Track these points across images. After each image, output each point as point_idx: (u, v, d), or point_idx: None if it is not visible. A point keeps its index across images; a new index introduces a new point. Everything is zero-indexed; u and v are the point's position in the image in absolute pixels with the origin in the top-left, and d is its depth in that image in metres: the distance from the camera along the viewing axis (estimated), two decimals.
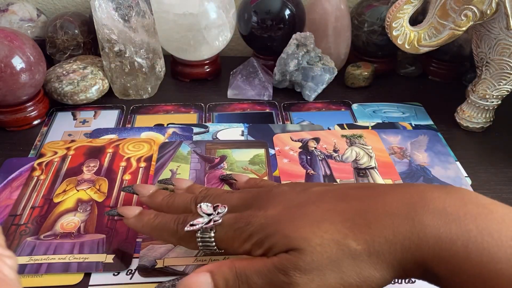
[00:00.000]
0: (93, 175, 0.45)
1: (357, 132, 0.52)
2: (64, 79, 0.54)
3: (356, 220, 0.27)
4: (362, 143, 0.50)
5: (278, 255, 0.27)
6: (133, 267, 0.36)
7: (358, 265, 0.26)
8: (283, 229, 0.28)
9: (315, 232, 0.27)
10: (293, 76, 0.58)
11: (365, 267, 0.26)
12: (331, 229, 0.27)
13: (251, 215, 0.30)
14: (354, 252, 0.26)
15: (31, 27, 0.61)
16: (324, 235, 0.26)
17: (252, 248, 0.29)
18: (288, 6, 0.58)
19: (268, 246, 0.28)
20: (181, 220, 0.32)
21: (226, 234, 0.30)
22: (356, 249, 0.26)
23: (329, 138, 0.51)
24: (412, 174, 0.46)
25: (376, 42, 0.60)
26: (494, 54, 0.48)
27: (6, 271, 0.22)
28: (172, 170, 0.46)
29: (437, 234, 0.24)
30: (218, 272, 0.28)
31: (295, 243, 0.26)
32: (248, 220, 0.29)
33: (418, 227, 0.25)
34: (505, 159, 0.49)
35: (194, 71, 0.62)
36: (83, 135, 0.52)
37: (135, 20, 0.53)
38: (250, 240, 0.29)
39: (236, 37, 0.65)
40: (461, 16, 0.46)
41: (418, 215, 0.25)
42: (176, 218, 0.33)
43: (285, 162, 0.47)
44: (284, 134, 0.51)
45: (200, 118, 0.55)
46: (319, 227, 0.27)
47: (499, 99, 0.50)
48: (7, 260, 0.23)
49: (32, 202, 0.42)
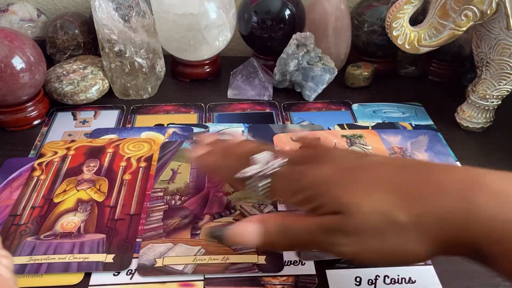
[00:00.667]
0: (93, 175, 0.45)
1: (357, 132, 0.52)
2: (64, 79, 0.54)
3: (409, 193, 0.26)
4: (363, 143, 0.50)
5: (326, 216, 0.28)
6: (133, 267, 0.36)
7: (402, 237, 0.26)
8: (334, 190, 0.28)
9: (365, 199, 0.27)
10: (293, 76, 0.58)
11: (409, 240, 0.26)
12: (381, 198, 0.27)
13: (304, 170, 0.30)
14: (400, 224, 0.26)
15: (31, 27, 0.61)
16: (374, 203, 0.26)
17: (302, 202, 0.30)
18: (288, 6, 0.58)
19: (318, 204, 0.28)
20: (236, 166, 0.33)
21: (278, 185, 0.32)
22: (404, 221, 0.25)
23: (329, 138, 0.51)
24: None
25: (376, 42, 0.60)
26: (494, 54, 0.48)
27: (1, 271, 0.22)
28: (173, 169, 0.46)
29: (491, 215, 0.24)
30: (267, 223, 0.30)
31: (344, 207, 0.27)
32: (301, 174, 0.30)
33: (472, 207, 0.25)
34: (505, 159, 0.49)
35: (194, 71, 0.62)
36: (83, 135, 0.52)
37: (135, 20, 0.53)
38: (300, 194, 0.30)
39: (236, 37, 0.65)
40: (461, 16, 0.46)
41: (474, 195, 0.25)
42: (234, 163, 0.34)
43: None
44: (284, 134, 0.51)
45: (200, 118, 0.55)
46: (370, 194, 0.27)
47: (499, 99, 0.50)
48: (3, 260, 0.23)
49: (32, 202, 0.42)
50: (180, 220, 0.40)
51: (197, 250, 0.37)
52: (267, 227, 0.30)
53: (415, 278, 0.36)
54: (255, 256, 0.37)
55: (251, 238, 0.30)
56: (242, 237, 0.30)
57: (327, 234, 0.27)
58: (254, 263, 0.36)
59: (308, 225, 0.28)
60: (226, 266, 0.36)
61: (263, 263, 0.36)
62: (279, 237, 0.29)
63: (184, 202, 0.42)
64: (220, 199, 0.43)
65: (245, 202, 0.42)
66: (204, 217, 0.41)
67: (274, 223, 0.30)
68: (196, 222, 0.40)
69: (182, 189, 0.44)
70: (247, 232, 0.30)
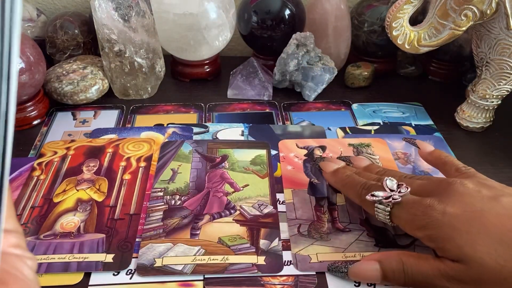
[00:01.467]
0: (93, 175, 0.45)
1: (365, 141, 0.50)
2: (64, 79, 0.54)
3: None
4: (370, 153, 0.49)
5: (446, 261, 0.29)
6: (132, 267, 0.36)
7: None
8: (459, 239, 0.28)
9: (490, 254, 0.27)
10: (293, 76, 0.58)
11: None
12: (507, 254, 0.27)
13: (429, 206, 0.30)
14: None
15: (31, 27, 0.61)
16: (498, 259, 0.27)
17: (423, 238, 0.31)
18: (288, 6, 0.58)
19: (439, 247, 0.30)
20: (366, 186, 0.35)
21: (401, 214, 0.32)
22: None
23: (335, 146, 0.50)
24: None
25: (376, 42, 0.60)
26: (494, 54, 0.48)
27: (26, 272, 0.23)
28: (173, 169, 0.46)
29: None
30: (386, 262, 0.32)
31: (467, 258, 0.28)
32: (426, 210, 0.30)
33: None
34: (505, 159, 0.49)
35: (194, 71, 0.62)
36: (83, 135, 0.52)
37: (135, 20, 0.53)
38: (423, 231, 0.30)
39: (236, 37, 0.65)
40: (461, 16, 0.46)
41: None
42: (363, 183, 0.36)
43: (289, 169, 0.47)
44: (290, 140, 0.50)
45: (200, 118, 0.55)
46: (496, 249, 0.27)
47: (499, 99, 0.50)
48: (28, 262, 0.23)
49: (32, 202, 0.42)
50: (180, 220, 0.40)
51: (197, 250, 0.37)
52: (386, 267, 0.32)
53: None
54: (254, 257, 0.37)
55: (372, 276, 0.32)
56: (363, 276, 0.33)
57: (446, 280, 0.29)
58: (254, 263, 0.36)
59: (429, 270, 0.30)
60: (226, 266, 0.36)
61: (262, 264, 0.36)
62: (397, 276, 0.31)
63: (184, 202, 0.42)
64: (220, 199, 0.43)
65: (245, 203, 0.42)
66: (204, 217, 0.41)
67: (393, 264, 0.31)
68: (196, 222, 0.40)
69: (182, 189, 0.44)
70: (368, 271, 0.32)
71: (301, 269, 0.36)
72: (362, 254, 0.37)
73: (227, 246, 0.38)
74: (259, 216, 0.41)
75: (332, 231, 0.40)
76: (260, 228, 0.40)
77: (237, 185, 0.44)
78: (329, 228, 0.40)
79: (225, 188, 0.44)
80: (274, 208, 0.42)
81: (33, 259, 0.25)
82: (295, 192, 0.44)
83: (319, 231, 0.39)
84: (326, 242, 0.38)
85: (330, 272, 0.35)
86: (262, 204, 0.42)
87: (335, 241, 0.39)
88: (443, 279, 0.29)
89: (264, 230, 0.39)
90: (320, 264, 0.36)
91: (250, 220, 0.41)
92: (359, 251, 0.37)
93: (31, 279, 0.23)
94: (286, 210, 0.42)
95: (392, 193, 0.33)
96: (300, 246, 0.38)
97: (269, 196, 0.43)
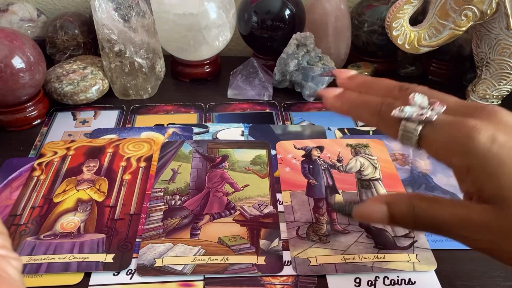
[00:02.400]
0: (93, 175, 0.45)
1: (363, 142, 0.50)
2: (64, 79, 0.54)
3: None
4: (368, 153, 0.48)
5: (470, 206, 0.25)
6: (132, 267, 0.36)
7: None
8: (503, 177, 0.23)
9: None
10: (293, 76, 0.58)
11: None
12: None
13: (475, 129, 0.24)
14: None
15: (31, 27, 0.61)
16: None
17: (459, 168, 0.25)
18: (288, 6, 0.58)
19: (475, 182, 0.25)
20: (387, 102, 0.29)
21: (436, 136, 0.26)
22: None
23: (333, 147, 0.50)
24: (414, 181, 0.46)
25: (376, 42, 0.60)
26: (494, 54, 0.48)
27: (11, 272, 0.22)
28: (173, 169, 0.46)
29: None
30: (395, 205, 0.28)
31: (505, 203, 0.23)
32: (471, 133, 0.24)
33: None
34: None
35: (194, 71, 0.62)
36: (83, 135, 0.52)
37: (135, 20, 0.53)
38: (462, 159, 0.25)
39: (236, 37, 0.65)
40: (461, 16, 0.46)
41: None
42: (381, 100, 0.29)
43: (286, 171, 0.47)
44: (287, 142, 0.50)
45: (200, 118, 0.55)
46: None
47: (499, 99, 0.50)
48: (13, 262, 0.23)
49: (32, 202, 0.42)
50: (180, 220, 0.40)
51: (197, 250, 0.37)
52: (395, 210, 0.28)
53: (414, 279, 0.36)
54: (254, 257, 0.37)
55: (378, 218, 0.28)
56: (369, 217, 0.29)
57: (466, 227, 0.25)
58: (254, 264, 0.36)
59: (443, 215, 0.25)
60: (226, 266, 0.36)
61: (262, 264, 0.36)
62: (406, 220, 0.27)
63: (184, 202, 0.42)
64: (220, 199, 0.43)
65: (245, 203, 0.42)
66: (204, 217, 0.41)
67: (402, 207, 0.27)
68: (196, 222, 0.40)
69: (182, 189, 0.44)
70: (374, 212, 0.28)
71: (301, 272, 0.36)
72: (362, 256, 0.37)
73: (227, 246, 0.38)
74: (259, 216, 0.41)
75: (331, 233, 0.40)
76: (260, 228, 0.40)
77: (237, 185, 0.44)
78: (328, 230, 0.40)
79: (225, 188, 0.44)
80: (274, 208, 0.42)
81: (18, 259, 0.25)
82: (293, 194, 0.44)
83: (318, 233, 0.39)
84: (325, 244, 0.38)
85: (335, 211, 0.32)
86: (262, 204, 0.42)
87: (334, 243, 0.38)
88: (462, 226, 0.25)
89: (264, 230, 0.39)
90: (319, 267, 0.36)
91: (250, 220, 0.41)
92: (358, 253, 0.37)
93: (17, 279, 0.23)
94: (284, 212, 0.42)
95: (423, 110, 0.27)
96: (298, 249, 0.38)
97: (269, 196, 0.43)
